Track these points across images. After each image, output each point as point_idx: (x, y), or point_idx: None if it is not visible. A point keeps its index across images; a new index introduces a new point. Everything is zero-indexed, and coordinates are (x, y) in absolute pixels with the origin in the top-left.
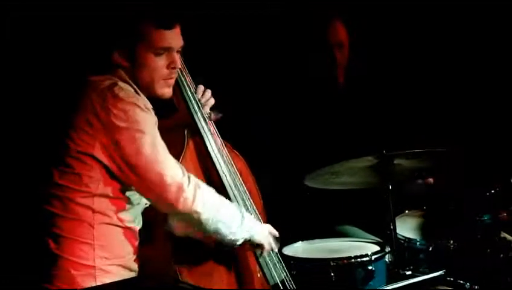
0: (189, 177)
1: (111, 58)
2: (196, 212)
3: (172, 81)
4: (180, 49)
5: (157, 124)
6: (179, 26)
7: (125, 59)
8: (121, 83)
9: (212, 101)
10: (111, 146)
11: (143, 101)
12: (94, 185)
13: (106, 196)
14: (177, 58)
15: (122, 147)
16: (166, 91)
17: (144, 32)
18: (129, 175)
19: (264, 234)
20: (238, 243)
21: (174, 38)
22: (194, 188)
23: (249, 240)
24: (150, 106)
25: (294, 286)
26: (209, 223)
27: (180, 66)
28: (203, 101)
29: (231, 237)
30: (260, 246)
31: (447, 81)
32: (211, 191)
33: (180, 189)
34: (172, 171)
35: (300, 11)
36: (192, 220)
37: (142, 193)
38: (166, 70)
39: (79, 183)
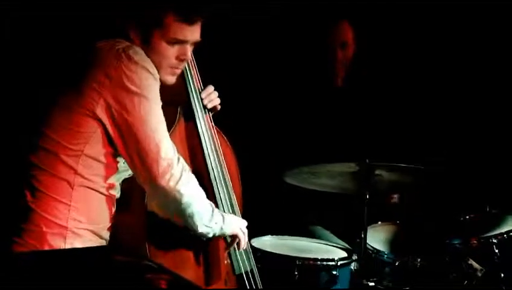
0: (179, 157)
1: (126, 31)
2: (179, 192)
3: (178, 71)
4: (195, 43)
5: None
6: (201, 22)
7: (139, 38)
8: (136, 47)
9: (217, 101)
10: (116, 106)
11: (153, 68)
12: (83, 144)
13: (93, 159)
14: (189, 51)
15: (127, 110)
16: (170, 78)
17: (163, 20)
18: (127, 138)
19: (238, 225)
20: (209, 235)
21: (192, 33)
22: (182, 168)
23: (220, 234)
24: (157, 74)
25: (259, 279)
26: (188, 208)
27: (189, 59)
28: (205, 102)
29: (202, 229)
30: (234, 238)
31: (441, 101)
32: (194, 177)
33: (169, 165)
34: (167, 145)
35: (303, 9)
36: (173, 200)
37: (131, 160)
38: (175, 61)
39: (70, 139)
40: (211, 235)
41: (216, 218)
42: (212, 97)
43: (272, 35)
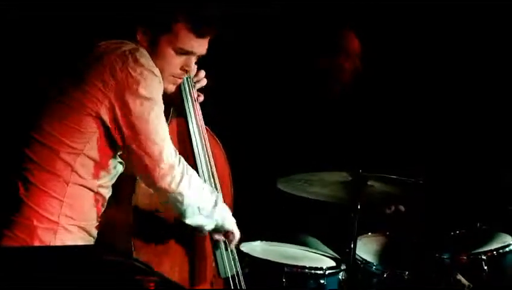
0: (180, 159)
1: (134, 33)
2: (180, 194)
3: (179, 81)
4: (200, 56)
5: None
6: (210, 37)
7: (146, 41)
8: (142, 49)
9: (204, 82)
10: (120, 107)
11: (158, 72)
12: (84, 143)
13: (91, 158)
14: (193, 63)
15: (132, 111)
16: (170, 88)
17: (174, 29)
18: (129, 140)
19: (234, 222)
20: (207, 228)
21: (200, 45)
22: (183, 170)
23: (221, 226)
24: (161, 78)
25: (243, 283)
26: (188, 207)
27: (192, 71)
28: (194, 80)
29: (202, 220)
30: (230, 233)
31: (436, 115)
32: (196, 174)
33: (171, 168)
34: (169, 148)
35: (309, 14)
36: (174, 201)
37: (133, 162)
38: (178, 70)
39: (71, 138)
40: (210, 227)
41: (219, 210)
42: (200, 76)
43: (269, 42)
